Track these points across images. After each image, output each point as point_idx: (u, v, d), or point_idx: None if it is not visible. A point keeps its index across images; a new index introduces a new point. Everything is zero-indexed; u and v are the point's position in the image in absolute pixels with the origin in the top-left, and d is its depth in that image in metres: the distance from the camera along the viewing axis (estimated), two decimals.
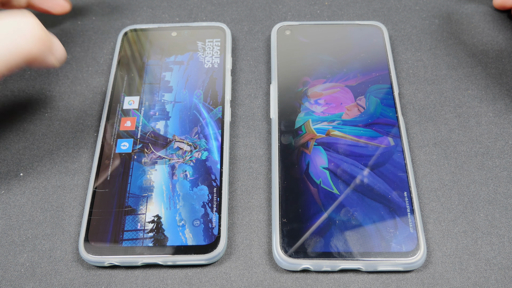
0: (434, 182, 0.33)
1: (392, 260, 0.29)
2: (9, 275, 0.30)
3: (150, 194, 0.32)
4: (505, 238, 0.31)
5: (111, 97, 0.36)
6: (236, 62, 0.40)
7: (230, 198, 0.33)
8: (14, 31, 0.26)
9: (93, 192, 0.32)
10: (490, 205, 0.32)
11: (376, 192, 0.31)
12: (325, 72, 0.37)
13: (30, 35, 0.27)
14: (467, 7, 0.42)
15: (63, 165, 0.35)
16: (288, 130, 0.34)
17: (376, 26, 0.39)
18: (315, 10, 0.43)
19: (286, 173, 0.32)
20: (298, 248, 0.29)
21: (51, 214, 0.33)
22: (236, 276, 0.30)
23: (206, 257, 0.29)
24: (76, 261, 0.31)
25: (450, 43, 0.40)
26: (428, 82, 0.38)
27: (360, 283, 0.30)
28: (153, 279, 0.30)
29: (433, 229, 0.31)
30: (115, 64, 0.38)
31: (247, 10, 0.43)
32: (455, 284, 0.29)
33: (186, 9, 0.43)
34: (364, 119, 0.34)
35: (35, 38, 0.27)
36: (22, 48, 0.27)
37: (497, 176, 0.33)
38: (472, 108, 0.37)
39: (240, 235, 0.32)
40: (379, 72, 0.37)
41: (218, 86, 0.37)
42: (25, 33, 0.27)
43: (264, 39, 0.41)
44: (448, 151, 0.34)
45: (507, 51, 0.39)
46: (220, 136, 0.34)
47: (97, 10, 0.43)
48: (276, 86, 0.36)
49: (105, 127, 0.35)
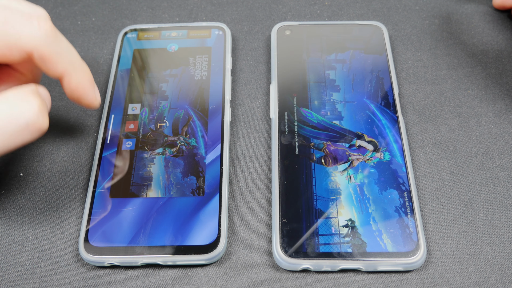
0: (434, 182, 0.33)
1: (392, 260, 0.29)
2: (9, 275, 0.30)
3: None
4: (505, 238, 0.31)
5: (111, 97, 0.36)
6: (236, 62, 0.40)
7: (230, 198, 0.33)
8: (9, 121, 0.24)
9: (93, 192, 0.32)
10: (490, 205, 0.32)
11: (376, 192, 0.31)
12: (324, 72, 0.37)
13: (26, 126, 0.24)
14: (467, 7, 0.42)
15: (63, 165, 0.35)
16: (288, 130, 0.34)
17: (376, 26, 0.39)
18: (315, 10, 0.43)
19: (286, 173, 0.32)
20: (298, 248, 0.29)
21: (51, 214, 0.33)
22: (236, 276, 0.30)
23: (206, 257, 0.29)
24: (76, 261, 0.31)
25: (450, 43, 0.40)
26: (428, 82, 0.38)
27: (360, 283, 0.30)
28: (153, 279, 0.30)
29: (433, 229, 0.31)
30: (115, 64, 0.38)
31: (247, 10, 0.43)
32: (455, 284, 0.29)
33: (186, 9, 0.43)
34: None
35: (32, 129, 0.25)
36: (15, 140, 0.24)
37: (497, 176, 0.33)
38: (472, 108, 0.37)
39: (240, 235, 0.32)
40: (379, 72, 0.37)
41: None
42: (22, 125, 0.24)
43: (264, 39, 0.41)
44: (448, 151, 0.34)
45: (507, 51, 0.39)
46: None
47: (97, 10, 0.43)
48: (276, 86, 0.36)
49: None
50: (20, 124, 0.24)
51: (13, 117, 0.24)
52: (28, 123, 0.24)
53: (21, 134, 0.24)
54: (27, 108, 0.24)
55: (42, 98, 0.26)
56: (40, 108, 0.25)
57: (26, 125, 0.24)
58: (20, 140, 0.25)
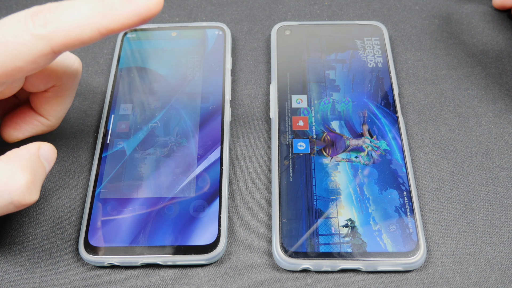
0: (434, 182, 0.33)
1: (392, 260, 0.29)
2: (9, 275, 0.30)
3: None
4: (505, 238, 0.31)
5: (111, 97, 0.36)
6: (236, 62, 0.40)
7: (230, 198, 0.33)
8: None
9: (92, 194, 0.32)
10: (490, 205, 0.32)
11: (376, 192, 0.31)
12: (324, 72, 0.37)
13: (10, 202, 0.24)
14: (467, 7, 0.42)
15: (63, 165, 0.35)
16: (288, 130, 0.34)
17: (376, 26, 0.39)
18: (315, 10, 0.43)
19: (286, 173, 0.32)
20: (298, 248, 0.29)
21: (51, 214, 0.33)
22: (236, 276, 0.30)
23: (206, 257, 0.29)
24: (76, 261, 0.31)
25: (450, 43, 0.40)
26: (428, 82, 0.38)
27: (360, 283, 0.30)
28: (153, 279, 0.30)
29: (433, 229, 0.31)
30: (115, 64, 0.38)
31: (247, 10, 0.43)
32: (455, 284, 0.29)
33: (186, 9, 0.43)
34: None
35: (16, 205, 0.24)
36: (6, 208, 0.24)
37: (497, 176, 0.33)
38: (472, 108, 0.37)
39: (240, 235, 0.32)
40: (378, 72, 0.37)
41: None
42: (6, 200, 0.23)
43: (264, 39, 0.41)
44: (448, 151, 0.34)
45: (507, 51, 0.39)
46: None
47: None
48: (276, 86, 0.36)
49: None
50: (4, 199, 0.23)
51: None
52: (13, 200, 0.23)
53: (5, 208, 0.24)
54: (14, 183, 0.23)
55: (36, 168, 0.25)
56: (28, 184, 0.24)
57: (10, 202, 0.23)
58: (4, 211, 0.24)
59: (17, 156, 0.24)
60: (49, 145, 0.26)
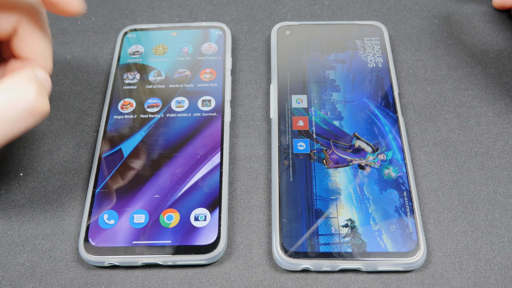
0: (434, 182, 0.33)
1: (392, 260, 0.29)
2: (9, 275, 0.30)
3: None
4: (505, 238, 0.31)
5: (111, 97, 0.36)
6: (236, 62, 0.40)
7: (230, 198, 0.33)
8: (10, 109, 0.24)
9: (91, 192, 0.32)
10: (490, 205, 0.32)
11: (376, 192, 0.31)
12: (324, 72, 0.37)
13: (27, 112, 0.25)
14: (467, 7, 0.42)
15: (63, 165, 0.35)
16: (288, 130, 0.34)
17: (376, 26, 0.39)
18: (315, 10, 0.43)
19: (286, 173, 0.32)
20: (298, 248, 0.29)
21: (51, 214, 0.33)
22: (236, 276, 0.30)
23: (206, 257, 0.29)
24: (76, 261, 0.31)
25: (450, 43, 0.40)
26: (428, 82, 0.38)
27: (360, 283, 0.30)
28: (153, 279, 0.30)
29: (433, 229, 0.31)
30: (115, 64, 0.38)
31: (247, 10, 0.43)
32: (455, 284, 0.29)
33: (186, 9, 0.43)
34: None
35: (33, 113, 0.25)
36: (19, 126, 0.25)
37: (497, 176, 0.33)
38: (472, 108, 0.37)
39: (240, 235, 0.32)
40: (378, 72, 0.37)
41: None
42: (23, 111, 0.25)
43: (264, 39, 0.41)
44: (448, 151, 0.34)
45: (507, 51, 0.39)
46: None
47: (97, 10, 0.43)
48: (276, 86, 0.36)
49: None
50: (21, 110, 0.25)
51: (12, 104, 0.24)
52: (29, 109, 0.25)
53: (24, 120, 0.25)
54: (25, 94, 0.25)
55: (39, 82, 0.26)
56: (38, 93, 0.25)
57: (27, 111, 0.25)
58: (24, 125, 0.25)
59: (18, 75, 0.26)
60: (42, 70, 0.28)
